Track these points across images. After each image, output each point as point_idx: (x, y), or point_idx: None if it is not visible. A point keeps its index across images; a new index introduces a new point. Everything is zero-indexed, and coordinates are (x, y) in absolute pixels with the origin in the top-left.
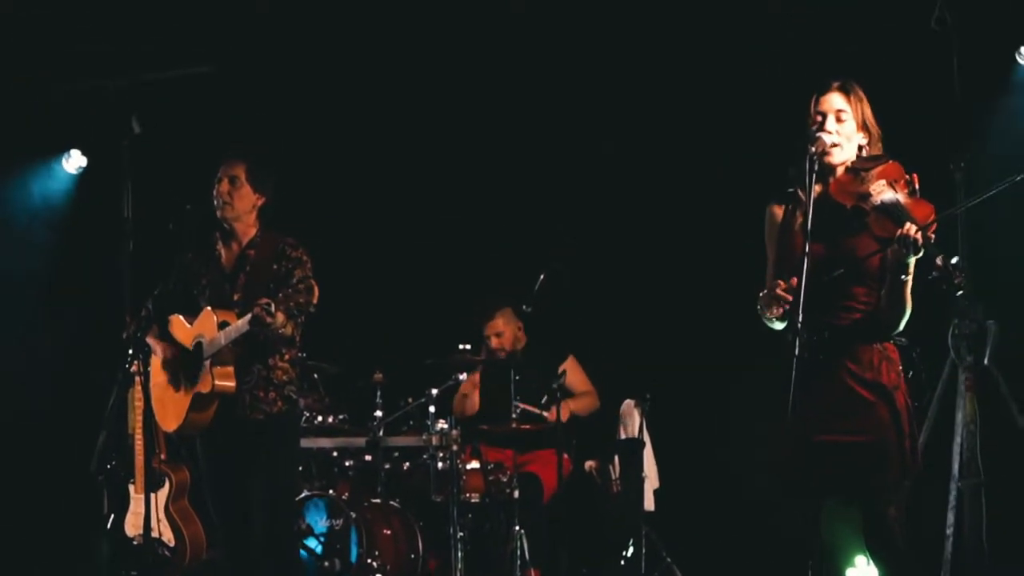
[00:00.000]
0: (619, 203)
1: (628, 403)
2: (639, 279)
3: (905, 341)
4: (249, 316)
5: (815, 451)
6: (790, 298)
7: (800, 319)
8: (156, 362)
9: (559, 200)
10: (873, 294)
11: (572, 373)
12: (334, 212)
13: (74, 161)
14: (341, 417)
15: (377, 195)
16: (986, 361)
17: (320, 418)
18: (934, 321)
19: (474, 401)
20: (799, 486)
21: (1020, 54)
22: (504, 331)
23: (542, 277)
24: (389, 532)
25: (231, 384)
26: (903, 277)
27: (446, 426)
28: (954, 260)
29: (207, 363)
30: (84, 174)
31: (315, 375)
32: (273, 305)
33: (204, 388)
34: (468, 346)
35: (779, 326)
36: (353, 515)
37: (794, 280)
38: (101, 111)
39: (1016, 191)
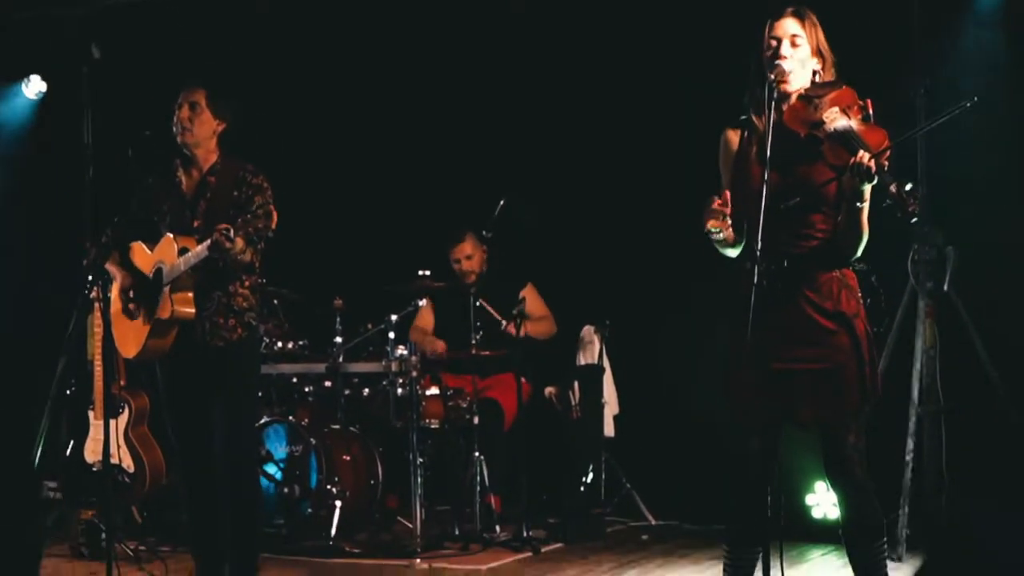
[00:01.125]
0: (578, 130)
1: (588, 329)
2: (597, 205)
3: (864, 266)
4: (208, 242)
5: (774, 378)
6: (727, 211)
7: (759, 248)
8: (116, 289)
9: (518, 128)
10: (830, 221)
11: (530, 299)
12: (295, 138)
13: (34, 86)
14: (301, 343)
15: (338, 121)
16: (946, 287)
17: (280, 344)
18: (894, 247)
19: (435, 343)
20: (758, 414)
21: None
22: (473, 254)
23: (502, 203)
24: (348, 458)
25: (190, 310)
26: (859, 204)
27: (406, 352)
28: (908, 187)
29: (166, 289)
30: (44, 100)
31: (275, 301)
32: (232, 231)
33: (163, 314)
34: (427, 272)
35: (732, 253)
36: (313, 441)
37: (727, 193)
38: (61, 37)
39: (975, 115)
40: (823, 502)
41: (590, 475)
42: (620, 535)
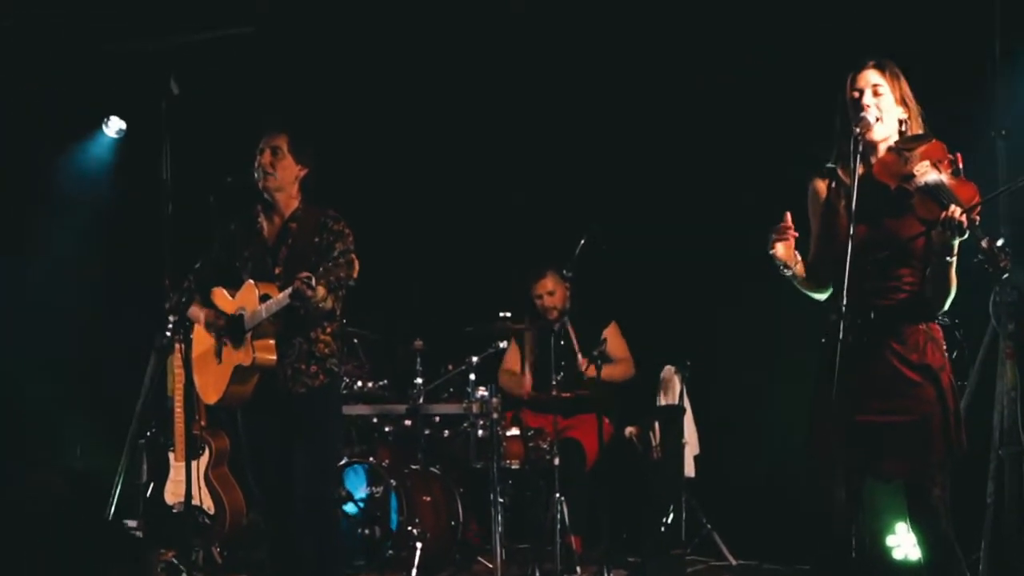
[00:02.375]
0: (659, 170)
1: (668, 369)
2: (680, 244)
3: (948, 321)
4: (290, 290)
5: (860, 431)
6: (790, 229)
7: (845, 301)
8: (198, 333)
9: (597, 167)
10: (918, 275)
11: (612, 340)
12: (376, 179)
13: (114, 125)
14: (381, 383)
15: (418, 163)
16: None
17: (360, 384)
18: (975, 289)
19: (527, 380)
20: (842, 466)
21: None
22: (556, 290)
23: (583, 242)
24: (429, 499)
25: (272, 357)
26: (948, 259)
27: (486, 393)
28: (999, 242)
29: (248, 336)
30: (124, 137)
31: (355, 340)
32: (314, 279)
33: (245, 361)
34: (509, 314)
35: (819, 296)
36: (393, 482)
37: (788, 215)
38: (140, 73)
39: None
40: (904, 543)
41: (671, 515)
42: (701, 575)
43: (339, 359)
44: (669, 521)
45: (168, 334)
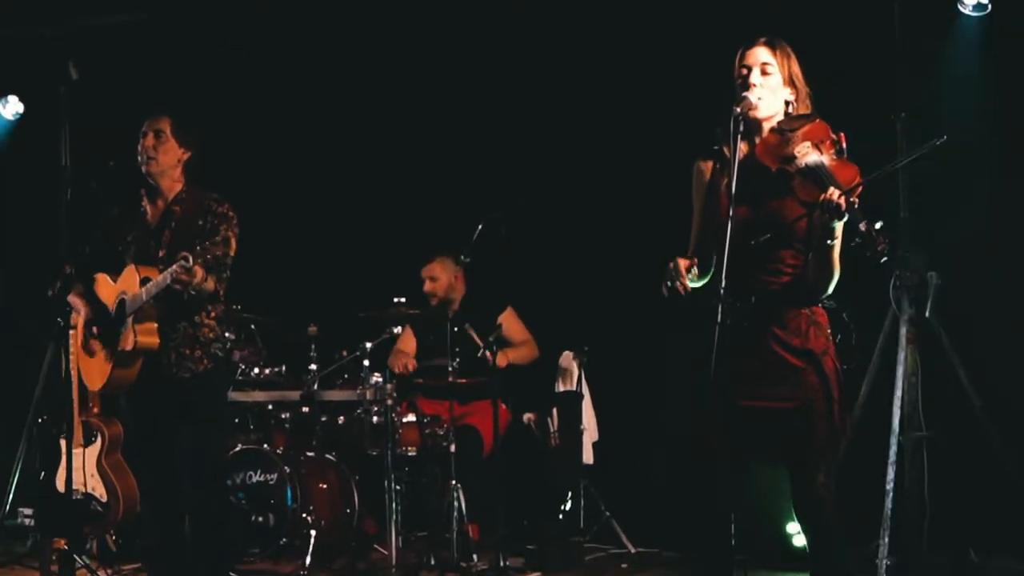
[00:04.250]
0: (557, 155)
1: (567, 355)
2: (577, 230)
3: (834, 304)
4: (169, 271)
5: (740, 417)
6: (685, 280)
7: (724, 284)
8: (80, 321)
9: (497, 150)
10: (800, 257)
11: (510, 324)
12: (270, 163)
13: (11, 107)
14: (277, 370)
15: (313, 147)
16: (927, 313)
17: (256, 370)
18: (875, 273)
19: (411, 361)
20: (724, 452)
21: (962, 3)
22: (440, 277)
23: (480, 227)
24: (324, 486)
25: (154, 340)
26: (829, 242)
27: (381, 380)
28: (878, 226)
29: (130, 320)
30: (21, 121)
31: (252, 327)
32: (191, 259)
33: (127, 345)
34: (403, 299)
35: (698, 284)
36: (287, 469)
37: (695, 260)
38: (38, 57)
39: (957, 141)
40: None
41: (569, 502)
42: (599, 563)
43: (224, 343)
44: (567, 508)
45: (55, 323)
